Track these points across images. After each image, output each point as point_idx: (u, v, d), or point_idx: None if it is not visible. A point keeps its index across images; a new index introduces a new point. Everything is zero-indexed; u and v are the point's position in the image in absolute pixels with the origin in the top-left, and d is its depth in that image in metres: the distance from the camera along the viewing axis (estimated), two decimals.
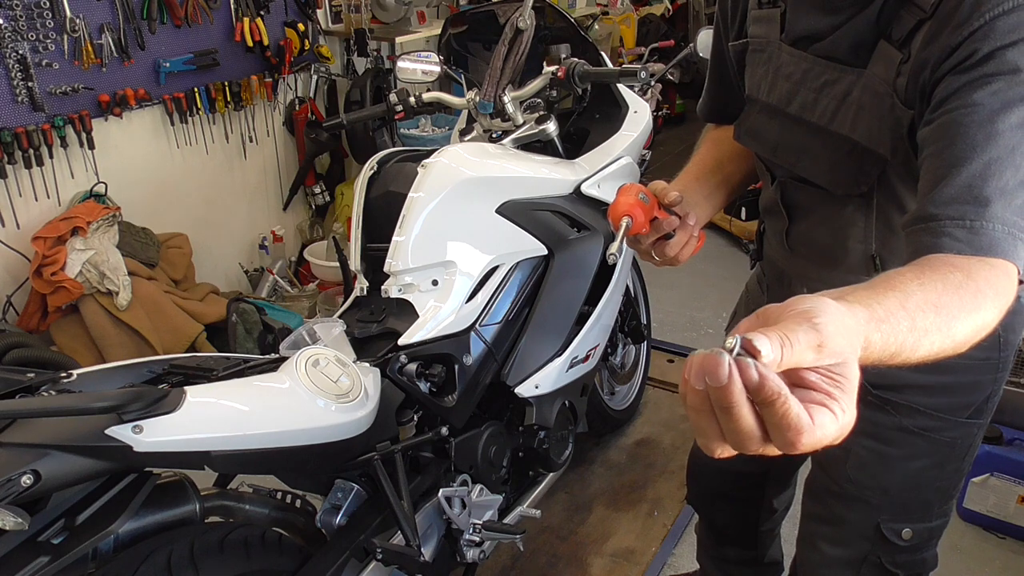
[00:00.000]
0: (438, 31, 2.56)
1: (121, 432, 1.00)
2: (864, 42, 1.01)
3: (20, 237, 2.55)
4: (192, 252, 2.94)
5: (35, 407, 1.01)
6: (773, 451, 0.56)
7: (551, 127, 1.92)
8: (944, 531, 1.31)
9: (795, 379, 0.56)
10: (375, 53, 3.71)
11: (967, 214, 0.80)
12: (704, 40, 1.92)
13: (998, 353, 1.13)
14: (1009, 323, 1.07)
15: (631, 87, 2.21)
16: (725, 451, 0.57)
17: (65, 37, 2.53)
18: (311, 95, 3.53)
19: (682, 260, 1.17)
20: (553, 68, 1.86)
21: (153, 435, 1.02)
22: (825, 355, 0.56)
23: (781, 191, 1.23)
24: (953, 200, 0.82)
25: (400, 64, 2.14)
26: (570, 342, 1.84)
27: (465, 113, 2.18)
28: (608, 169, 1.99)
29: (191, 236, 2.98)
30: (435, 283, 1.59)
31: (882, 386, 1.16)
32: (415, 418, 1.55)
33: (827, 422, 0.54)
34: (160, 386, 1.21)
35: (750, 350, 0.54)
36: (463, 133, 2.09)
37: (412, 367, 1.50)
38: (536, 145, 1.96)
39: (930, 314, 0.68)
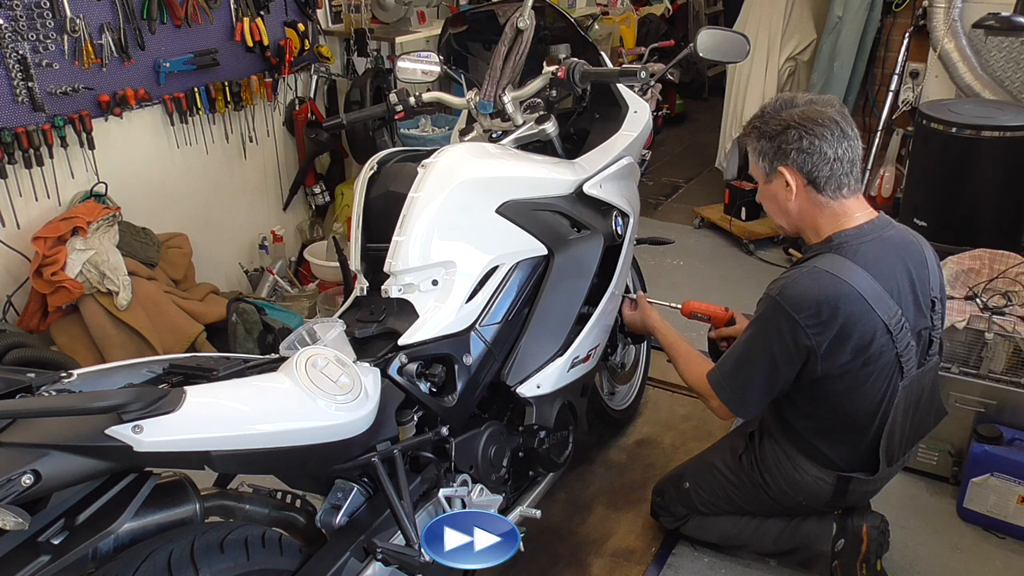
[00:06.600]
0: (438, 31, 2.56)
1: (121, 432, 1.00)
2: None
3: (20, 237, 2.55)
4: (192, 252, 2.94)
5: (35, 407, 1.01)
6: None
7: (551, 127, 1.92)
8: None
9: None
10: (375, 53, 3.71)
11: None
12: (704, 40, 1.92)
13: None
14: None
15: (631, 87, 2.21)
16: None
17: (65, 37, 2.53)
18: (311, 95, 3.53)
19: None
20: (553, 68, 1.86)
21: (153, 435, 1.02)
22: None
23: None
24: None
25: (400, 64, 2.14)
26: (571, 342, 1.84)
27: (465, 113, 2.18)
28: (608, 169, 1.99)
29: (191, 236, 2.97)
30: (435, 283, 1.59)
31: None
32: (415, 418, 1.55)
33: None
34: (160, 386, 1.21)
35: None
36: (463, 133, 2.09)
37: (412, 367, 1.50)
38: (536, 145, 1.96)
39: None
